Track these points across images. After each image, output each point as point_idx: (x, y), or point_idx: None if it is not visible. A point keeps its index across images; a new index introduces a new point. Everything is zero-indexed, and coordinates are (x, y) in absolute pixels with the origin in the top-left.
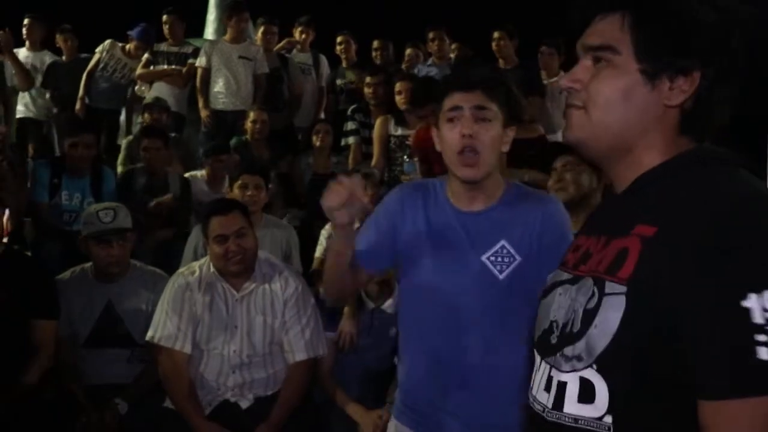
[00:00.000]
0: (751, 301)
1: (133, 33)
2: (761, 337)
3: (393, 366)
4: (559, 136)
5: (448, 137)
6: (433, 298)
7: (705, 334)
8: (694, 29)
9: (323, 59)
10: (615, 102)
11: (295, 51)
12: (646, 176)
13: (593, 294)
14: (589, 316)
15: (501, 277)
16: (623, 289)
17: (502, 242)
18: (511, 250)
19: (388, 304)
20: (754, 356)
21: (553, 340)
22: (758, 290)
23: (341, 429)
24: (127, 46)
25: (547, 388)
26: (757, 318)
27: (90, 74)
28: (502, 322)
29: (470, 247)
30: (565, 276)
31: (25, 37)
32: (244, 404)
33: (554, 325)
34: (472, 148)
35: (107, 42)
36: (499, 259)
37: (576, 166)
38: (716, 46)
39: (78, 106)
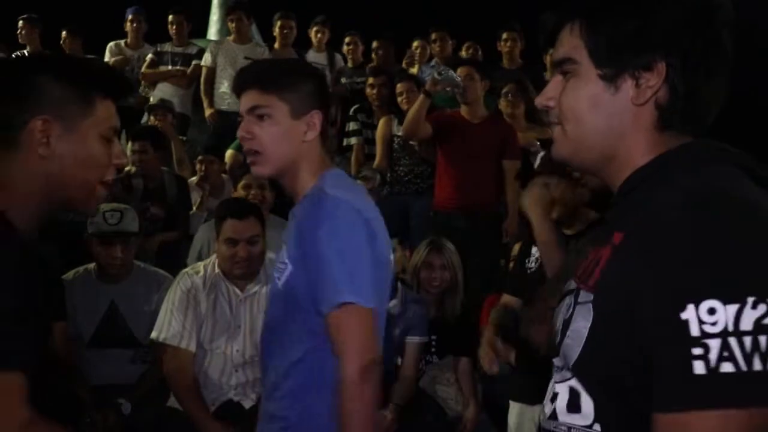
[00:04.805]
0: (689, 313)
1: (128, 13)
2: (697, 351)
3: (396, 366)
4: None
5: None
6: None
7: (650, 346)
8: (643, 21)
9: (339, 58)
10: (583, 112)
11: (311, 51)
12: (630, 181)
13: (570, 304)
14: (566, 326)
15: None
16: (590, 297)
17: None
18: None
19: (391, 305)
20: (691, 371)
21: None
22: (696, 301)
23: None
24: (128, 40)
25: (550, 399)
26: (694, 330)
27: None
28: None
29: None
30: (573, 286)
31: (22, 40)
32: (247, 404)
33: (557, 334)
34: None
35: (110, 45)
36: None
37: (555, 185)
38: (674, 32)
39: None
